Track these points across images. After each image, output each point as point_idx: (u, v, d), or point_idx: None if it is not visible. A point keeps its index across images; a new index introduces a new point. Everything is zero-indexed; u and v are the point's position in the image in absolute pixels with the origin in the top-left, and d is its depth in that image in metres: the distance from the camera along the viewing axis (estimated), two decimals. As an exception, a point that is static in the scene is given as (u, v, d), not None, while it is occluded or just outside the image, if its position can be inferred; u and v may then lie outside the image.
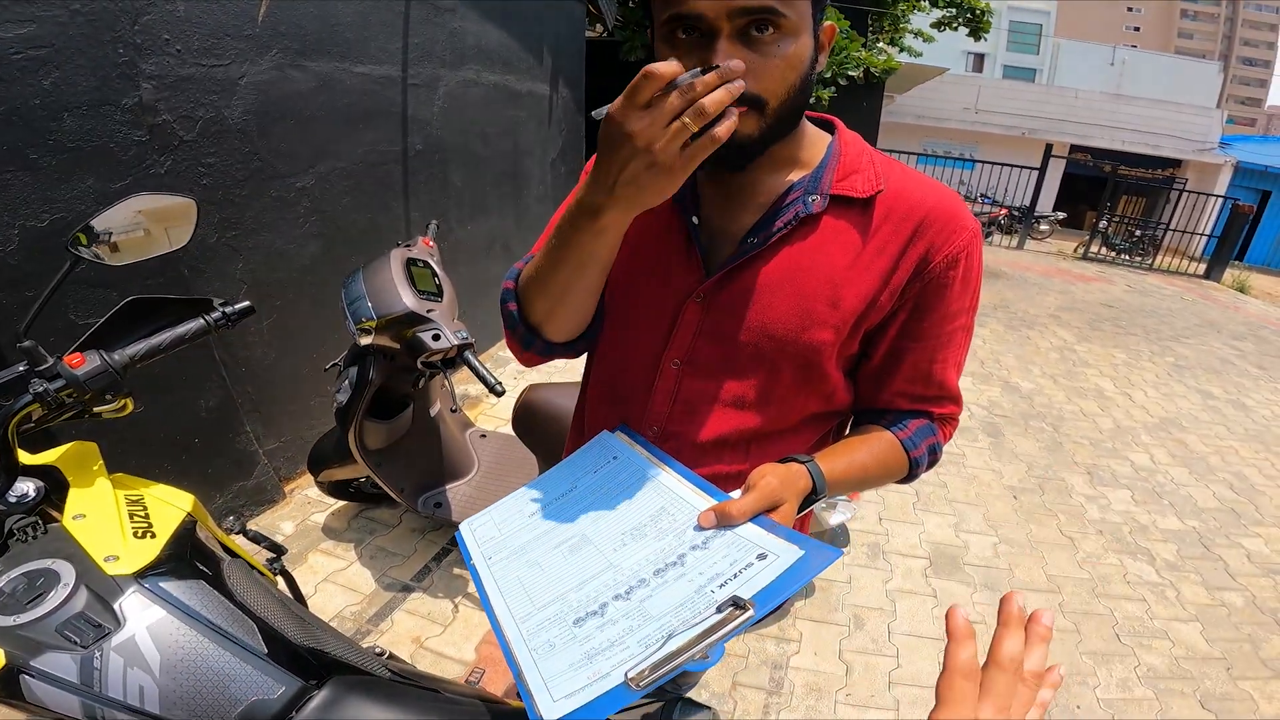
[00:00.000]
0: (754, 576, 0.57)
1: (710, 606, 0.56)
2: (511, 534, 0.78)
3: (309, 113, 2.25)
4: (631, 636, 0.57)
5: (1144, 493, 3.42)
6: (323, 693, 0.75)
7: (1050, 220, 13.38)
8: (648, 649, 0.54)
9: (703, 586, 0.59)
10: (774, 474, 0.68)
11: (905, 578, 2.53)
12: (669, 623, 0.56)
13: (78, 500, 0.81)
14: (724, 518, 0.64)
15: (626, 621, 0.59)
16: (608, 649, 0.57)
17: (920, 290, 0.76)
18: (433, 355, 1.59)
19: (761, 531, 0.63)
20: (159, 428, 1.96)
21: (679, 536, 0.66)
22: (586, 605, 0.63)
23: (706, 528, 0.65)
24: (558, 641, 0.60)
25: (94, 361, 0.80)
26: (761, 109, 0.66)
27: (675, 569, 0.62)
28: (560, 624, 0.62)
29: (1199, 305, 8.79)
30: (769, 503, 0.66)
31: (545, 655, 0.59)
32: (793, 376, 0.80)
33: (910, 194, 0.75)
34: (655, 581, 0.62)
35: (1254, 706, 2.09)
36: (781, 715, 1.87)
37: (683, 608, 0.57)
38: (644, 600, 0.60)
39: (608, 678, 0.54)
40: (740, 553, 0.61)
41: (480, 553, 0.77)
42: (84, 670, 0.65)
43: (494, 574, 0.73)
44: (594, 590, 0.64)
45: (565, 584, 0.66)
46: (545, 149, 4.11)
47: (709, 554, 0.62)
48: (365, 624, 2.00)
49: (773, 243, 0.75)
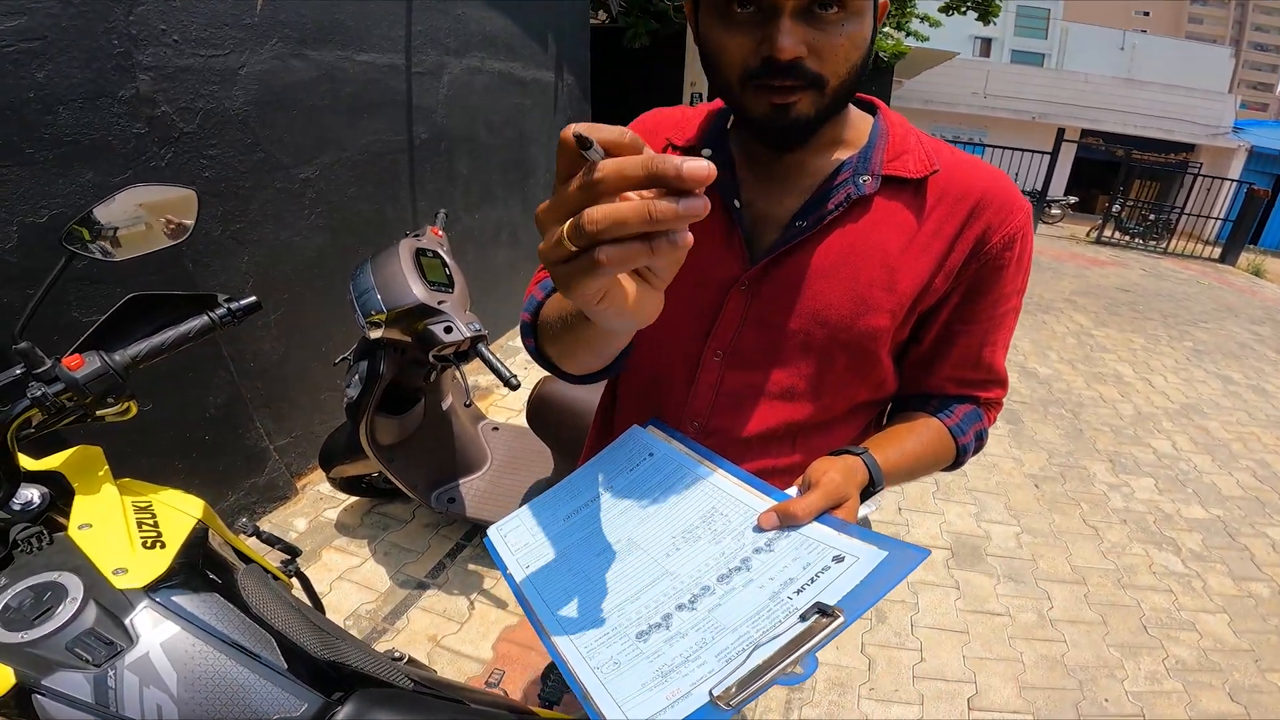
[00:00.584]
0: (835, 580, 0.53)
1: (792, 615, 0.51)
2: (547, 541, 0.73)
3: (312, 102, 2.21)
4: (707, 650, 0.52)
5: (1167, 481, 3.37)
6: (346, 708, 0.71)
7: (1062, 204, 13.25)
8: (730, 663, 0.50)
9: (777, 593, 0.54)
10: (835, 468, 0.65)
11: (927, 569, 2.49)
12: (748, 633, 0.52)
13: (83, 508, 0.77)
14: (787, 518, 0.60)
15: (697, 634, 0.54)
16: (682, 665, 0.52)
17: (977, 271, 0.73)
18: (445, 348, 1.55)
19: (831, 532, 0.58)
20: (168, 426, 1.93)
21: (738, 539, 0.61)
22: (648, 617, 0.58)
23: (768, 529, 0.60)
24: (623, 659, 0.55)
25: (94, 363, 0.76)
26: (822, 89, 0.62)
27: (741, 574, 0.57)
28: (622, 638, 0.57)
29: (1216, 289, 8.67)
30: (834, 500, 0.62)
31: (612, 674, 0.54)
32: (846, 365, 0.76)
33: (963, 175, 0.72)
34: (721, 589, 0.57)
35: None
36: (804, 711, 1.84)
37: (759, 617, 0.53)
38: (712, 610, 0.55)
39: (689, 697, 0.49)
40: (813, 555, 0.56)
41: (515, 561, 0.73)
42: (98, 690, 0.62)
43: (536, 586, 0.68)
44: (653, 600, 0.59)
45: (619, 594, 0.62)
46: (551, 136, 4.07)
47: (776, 557, 0.58)
48: (381, 622, 1.97)
49: (824, 225, 0.71)
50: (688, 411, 0.81)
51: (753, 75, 0.61)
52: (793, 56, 0.58)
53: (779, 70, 0.60)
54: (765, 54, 0.59)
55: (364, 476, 2.29)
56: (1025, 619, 2.27)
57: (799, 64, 0.59)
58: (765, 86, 0.62)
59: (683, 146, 0.79)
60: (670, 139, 0.81)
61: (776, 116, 0.63)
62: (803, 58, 0.59)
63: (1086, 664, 2.10)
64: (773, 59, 0.59)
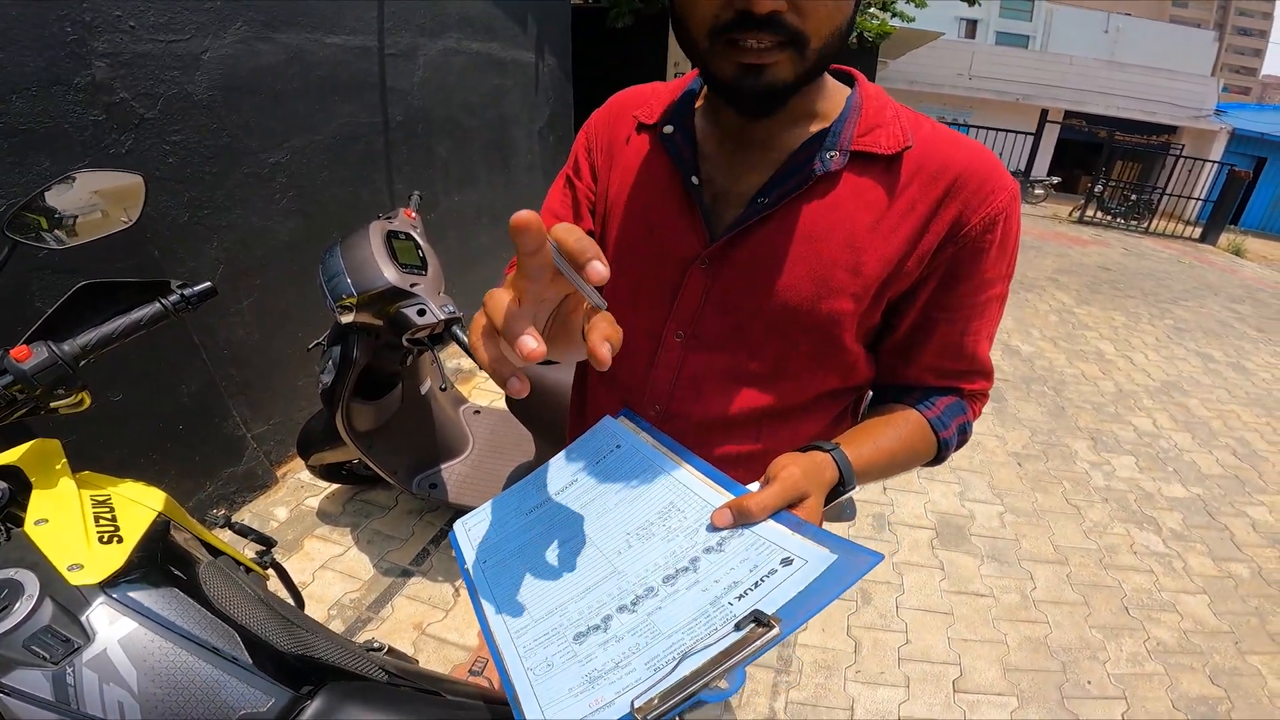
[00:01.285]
0: (778, 586, 0.50)
1: (728, 623, 0.48)
2: (508, 535, 0.71)
3: (280, 87, 2.16)
4: (638, 657, 0.50)
5: (1148, 459, 3.41)
6: (316, 702, 0.70)
7: (1045, 184, 13.33)
8: (657, 673, 0.48)
9: (719, 598, 0.51)
10: (796, 463, 0.61)
11: (912, 550, 2.51)
12: (681, 641, 0.49)
13: (40, 503, 0.75)
14: (741, 514, 0.56)
15: (633, 639, 0.52)
16: (611, 671, 0.50)
17: (954, 255, 0.68)
18: (419, 331, 1.52)
19: (785, 531, 0.55)
20: (141, 416, 1.89)
21: (690, 537, 0.58)
22: (588, 618, 0.56)
23: (722, 527, 0.57)
24: (556, 661, 0.53)
25: (42, 354, 0.73)
26: (802, 49, 0.57)
27: (687, 575, 0.55)
28: (559, 640, 0.55)
29: (1196, 268, 8.77)
30: (792, 496, 0.58)
31: (542, 677, 0.53)
32: (809, 349, 0.73)
33: (941, 151, 0.67)
34: (665, 591, 0.54)
35: (1262, 682, 2.08)
36: (790, 695, 1.85)
37: (696, 623, 0.50)
38: (652, 613, 0.53)
39: (611, 706, 0.47)
40: (761, 556, 0.53)
41: (473, 555, 0.71)
42: (58, 687, 0.61)
43: (488, 580, 0.66)
44: (596, 600, 0.57)
45: (565, 593, 0.59)
46: (532, 118, 4.02)
47: (726, 557, 0.55)
48: (365, 611, 1.96)
49: (786, 202, 0.68)
50: (649, 395, 0.79)
51: (724, 29, 0.56)
52: (770, 9, 0.53)
53: (755, 23, 0.54)
54: (740, 6, 0.54)
55: (344, 463, 2.25)
56: (1009, 600, 2.29)
57: (777, 17, 0.54)
58: (735, 44, 0.56)
59: (649, 124, 0.77)
60: (638, 116, 0.79)
61: (747, 79, 0.58)
62: (781, 11, 0.54)
63: (1069, 645, 2.12)
64: (748, 11, 0.54)
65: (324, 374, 1.73)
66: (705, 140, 0.73)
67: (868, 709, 1.83)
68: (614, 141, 0.81)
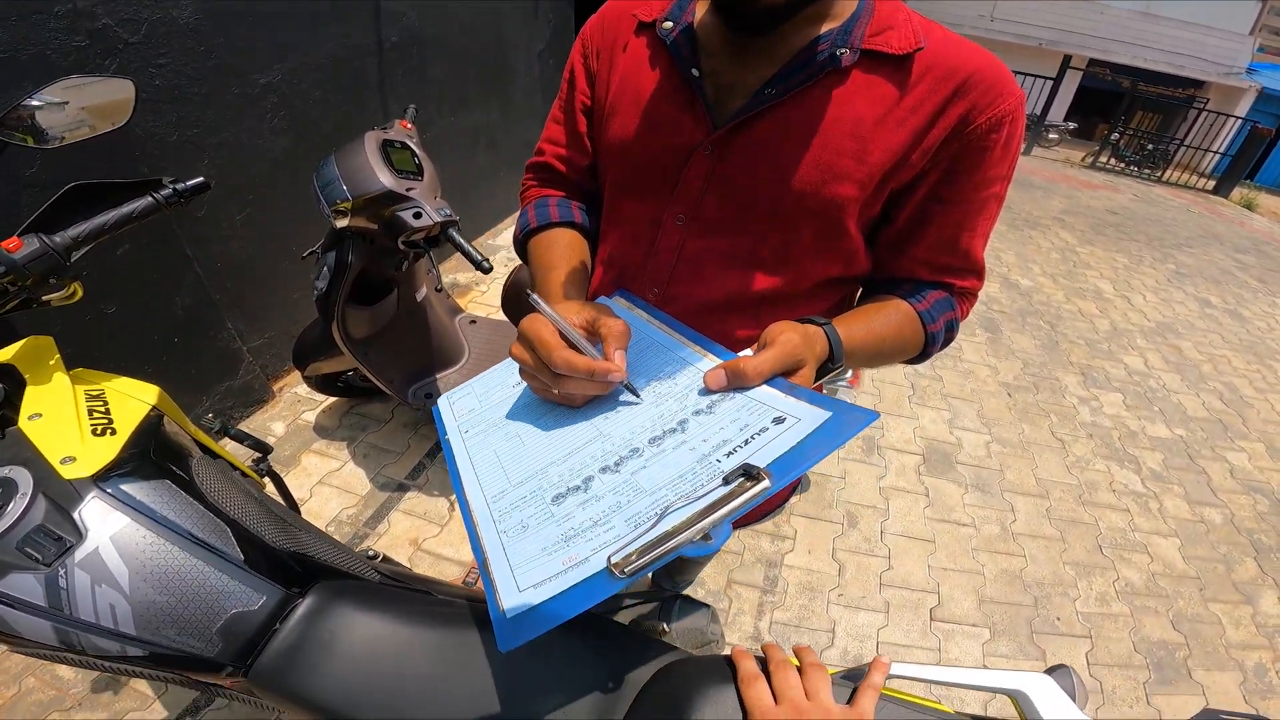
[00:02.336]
0: (770, 443, 0.49)
1: (715, 477, 0.47)
2: (493, 406, 0.70)
3: (269, 8, 2.08)
4: (618, 515, 0.49)
5: (1135, 397, 3.44)
6: (308, 600, 0.71)
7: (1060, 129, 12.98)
8: (637, 529, 0.46)
9: (707, 455, 0.50)
10: (794, 330, 0.61)
11: (899, 475, 2.56)
12: (664, 497, 0.48)
13: (34, 399, 0.74)
14: (736, 376, 0.56)
15: (614, 497, 0.50)
16: (589, 529, 0.49)
17: (958, 150, 0.68)
18: (414, 234, 1.51)
19: (778, 394, 0.54)
20: (135, 329, 1.89)
21: (680, 401, 0.57)
22: (568, 480, 0.54)
23: (715, 389, 0.56)
24: (531, 522, 0.52)
25: (33, 244, 0.73)
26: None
27: (675, 436, 0.53)
28: (537, 501, 0.54)
29: (1204, 218, 8.64)
30: (788, 362, 0.58)
31: (516, 538, 0.51)
32: (810, 235, 0.73)
33: (952, 54, 0.67)
34: (650, 451, 0.53)
35: (1221, 631, 2.14)
36: (775, 615, 1.92)
37: (681, 480, 0.49)
38: (635, 472, 0.52)
39: (586, 563, 0.46)
40: (753, 417, 0.52)
41: (456, 426, 0.70)
42: (50, 591, 0.61)
43: (468, 448, 0.65)
44: (579, 463, 0.56)
45: (547, 457, 0.58)
46: (531, 40, 3.89)
47: (715, 419, 0.53)
48: (362, 527, 2.00)
49: (794, 94, 0.67)
50: (648, 277, 0.80)
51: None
52: None
53: None
54: None
55: (340, 374, 2.26)
56: (989, 531, 2.35)
57: None
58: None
59: (648, 22, 0.76)
60: (637, 14, 0.77)
61: (743, 3, 0.58)
62: None
63: (1043, 580, 2.19)
64: None
65: (318, 280, 1.72)
66: (708, 36, 0.72)
67: (848, 631, 1.90)
68: (613, 44, 0.80)
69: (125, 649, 0.63)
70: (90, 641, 0.62)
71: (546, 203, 0.90)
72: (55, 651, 0.64)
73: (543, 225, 0.88)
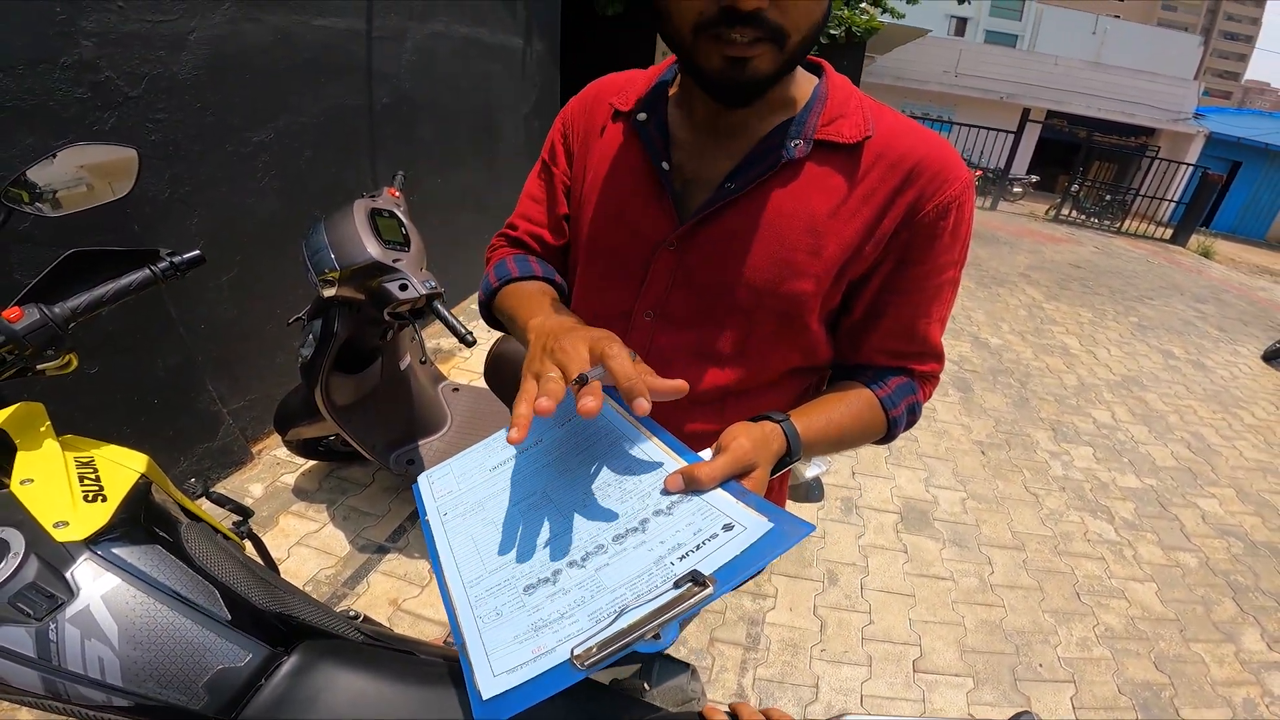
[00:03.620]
0: (718, 549, 0.53)
1: (668, 581, 0.52)
2: (470, 489, 0.74)
3: (266, 67, 2.15)
4: (582, 609, 0.53)
5: (1105, 450, 3.52)
6: (292, 659, 0.72)
7: (1024, 183, 13.52)
8: (597, 624, 0.51)
9: (663, 557, 0.55)
10: (746, 435, 0.64)
11: (877, 533, 2.58)
12: (622, 596, 0.52)
13: (25, 464, 0.76)
14: (692, 481, 0.59)
15: (579, 592, 0.55)
16: (556, 621, 0.53)
17: (908, 240, 0.72)
18: (400, 305, 1.54)
19: (730, 499, 0.58)
20: (116, 390, 1.89)
21: (643, 500, 0.61)
22: (539, 571, 0.59)
23: (674, 491, 0.60)
24: (505, 610, 0.57)
25: (33, 315, 0.75)
26: (782, 43, 0.60)
27: (636, 535, 0.58)
28: (510, 590, 0.58)
29: (1164, 268, 8.98)
30: (741, 467, 0.61)
31: (491, 624, 0.56)
32: (772, 329, 0.77)
33: (901, 141, 0.71)
34: (614, 549, 0.58)
35: (1205, 669, 2.16)
36: (759, 671, 1.90)
37: (639, 580, 0.53)
38: (600, 569, 0.56)
39: (552, 653, 0.50)
40: (706, 521, 0.57)
41: (435, 508, 0.73)
42: (40, 644, 0.62)
43: (447, 531, 0.69)
44: (549, 554, 0.60)
45: (520, 546, 0.62)
46: (519, 103, 4.01)
47: (673, 520, 0.58)
48: (341, 587, 1.98)
49: (752, 188, 0.71)
50: None
51: (708, 24, 0.59)
52: (754, 6, 0.56)
53: (739, 19, 0.57)
54: (725, 3, 0.57)
55: (321, 439, 2.26)
56: (968, 583, 2.37)
57: (760, 14, 0.57)
58: (720, 38, 0.59)
59: (624, 111, 0.80)
60: (614, 103, 0.81)
61: (731, 71, 0.61)
62: (763, 8, 0.57)
63: (1023, 629, 2.20)
64: (733, 8, 0.56)
65: (304, 348, 1.75)
66: (678, 128, 0.76)
67: (832, 686, 1.89)
68: (590, 128, 0.84)
69: (111, 699, 0.64)
70: (77, 691, 0.63)
71: (505, 262, 0.90)
72: (40, 699, 0.64)
73: (504, 281, 0.88)
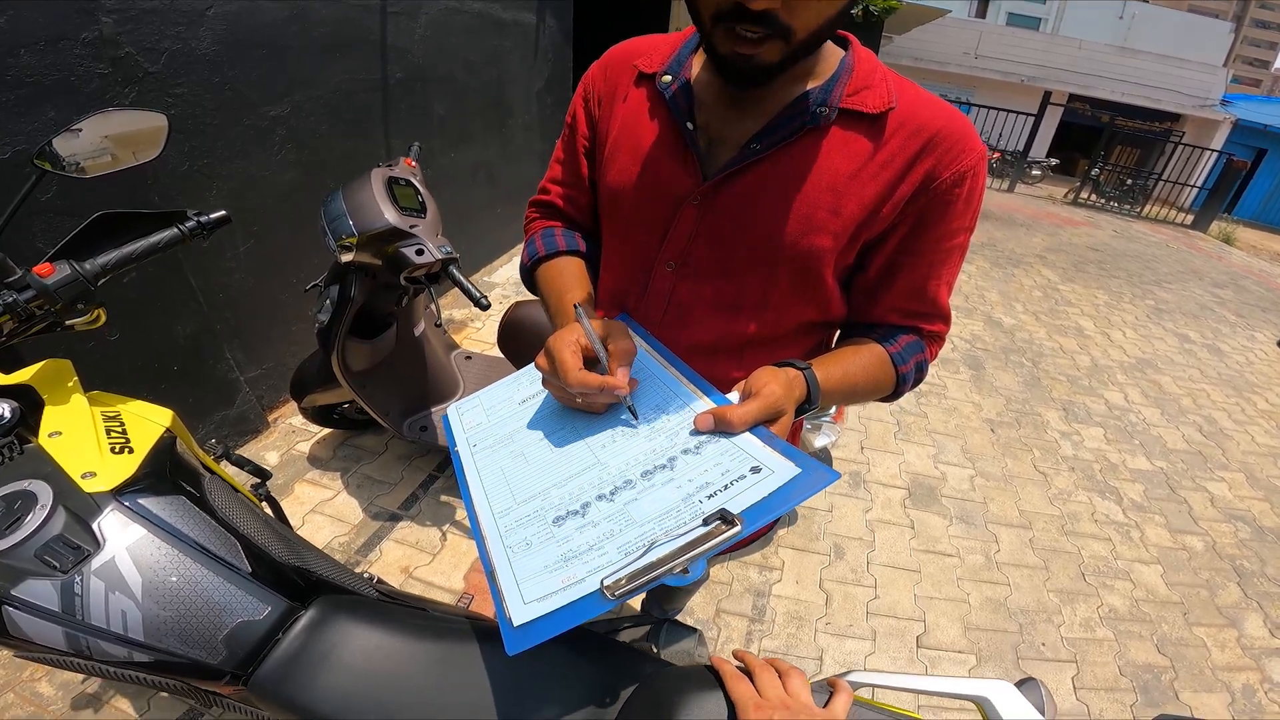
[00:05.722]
0: (745, 490, 0.55)
1: (696, 518, 0.53)
2: (499, 421, 0.75)
3: (283, 42, 2.17)
4: (611, 542, 0.55)
5: (1116, 431, 3.50)
6: (310, 612, 0.74)
7: (1043, 165, 13.32)
8: (627, 557, 0.52)
9: (691, 495, 0.56)
10: (776, 380, 0.67)
11: (885, 508, 2.59)
12: (651, 531, 0.54)
13: (53, 418, 0.79)
14: (723, 423, 0.62)
15: (608, 524, 0.57)
16: (585, 552, 0.55)
17: (924, 206, 0.74)
18: (416, 270, 1.56)
19: (758, 443, 0.60)
20: (135, 356, 1.93)
21: (672, 437, 0.63)
22: (568, 503, 0.60)
23: (703, 431, 0.62)
24: (535, 540, 0.58)
25: (64, 271, 0.77)
26: (787, 38, 0.62)
27: (664, 472, 0.60)
28: (539, 521, 0.60)
29: (1183, 253, 8.85)
30: (771, 412, 0.64)
31: (521, 554, 0.58)
32: (790, 282, 0.79)
33: (921, 112, 0.73)
34: (642, 484, 0.59)
35: (1206, 654, 2.17)
36: (763, 643, 1.93)
37: (667, 516, 0.55)
38: (628, 503, 0.58)
39: (582, 583, 0.52)
40: (734, 463, 0.58)
41: (465, 439, 0.75)
42: (65, 597, 0.64)
43: (477, 462, 0.71)
44: (577, 488, 0.62)
45: (549, 479, 0.64)
46: (531, 79, 4.00)
47: (701, 460, 0.60)
48: (354, 555, 2.01)
49: (777, 149, 0.73)
50: (640, 318, 0.85)
51: (723, 16, 0.61)
52: (764, 8, 0.58)
53: (749, 16, 0.59)
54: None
55: (336, 406, 2.29)
56: (974, 560, 2.38)
57: (770, 15, 0.59)
58: (733, 31, 0.61)
59: (648, 73, 0.81)
60: (638, 65, 0.83)
61: (739, 61, 0.64)
62: (775, 9, 0.59)
63: (1027, 608, 2.21)
64: (743, 5, 0.58)
65: (320, 313, 1.77)
66: (703, 90, 0.78)
67: (835, 659, 1.91)
68: (614, 90, 0.86)
69: (132, 654, 0.66)
70: (98, 647, 0.65)
71: (552, 232, 0.95)
72: (62, 656, 0.66)
73: (550, 254, 0.93)
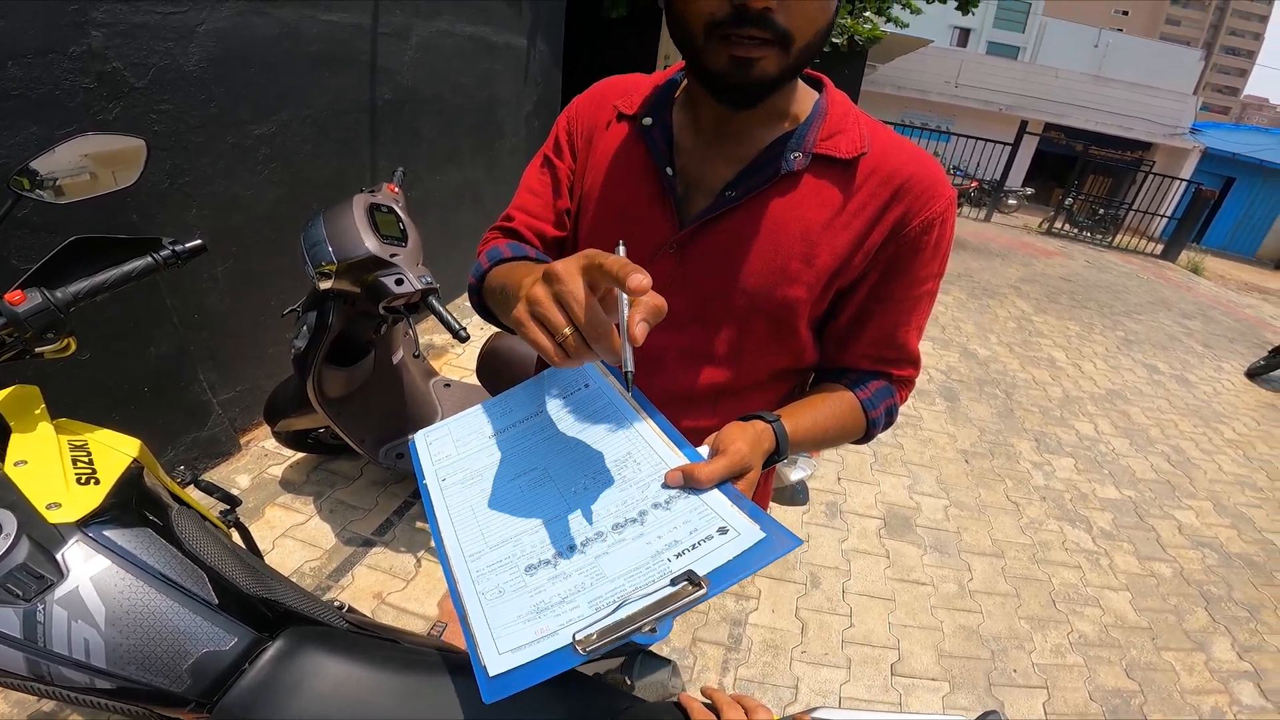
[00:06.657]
0: (712, 551, 0.56)
1: (665, 577, 0.54)
2: (469, 455, 0.75)
3: (271, 60, 2.17)
4: (582, 595, 0.55)
5: (1086, 461, 3.56)
6: (277, 644, 0.73)
7: (1019, 195, 13.60)
8: (598, 612, 0.53)
9: (660, 552, 0.57)
10: (743, 438, 0.67)
11: (860, 538, 2.61)
12: (622, 587, 0.55)
13: (19, 446, 0.77)
14: (691, 480, 0.62)
15: (579, 577, 0.57)
16: (558, 605, 0.55)
17: (894, 252, 0.76)
18: (395, 300, 1.55)
19: (726, 501, 0.61)
20: (107, 376, 1.90)
21: (643, 490, 0.63)
22: (540, 552, 0.61)
23: (672, 486, 0.63)
24: (507, 589, 0.58)
25: (35, 299, 0.76)
26: (787, 47, 0.63)
27: (635, 526, 0.60)
28: (511, 569, 0.60)
29: (1153, 283, 9.07)
30: (737, 469, 0.64)
31: (494, 601, 0.58)
32: (764, 332, 0.80)
33: (892, 158, 0.74)
34: (613, 537, 0.60)
35: (1175, 678, 2.20)
36: (740, 671, 1.92)
37: (637, 573, 0.56)
38: (599, 556, 0.58)
39: (555, 636, 0.53)
40: (702, 521, 0.59)
41: (434, 471, 0.74)
42: (27, 625, 0.63)
43: (446, 499, 0.70)
44: (549, 536, 0.62)
45: (521, 524, 0.64)
46: (520, 102, 4.03)
47: (671, 516, 0.60)
48: (325, 579, 1.98)
49: (751, 196, 0.74)
50: None
51: (719, 25, 0.61)
52: (764, 5, 0.59)
53: (748, 19, 0.60)
54: (738, 1, 0.59)
55: (310, 431, 2.26)
56: (947, 589, 2.40)
57: (768, 16, 0.60)
58: (729, 38, 0.62)
59: (629, 114, 0.82)
60: (618, 105, 0.84)
61: (736, 71, 0.64)
62: (772, 9, 0.59)
63: (999, 635, 2.23)
64: (744, 7, 0.59)
65: (297, 339, 1.75)
66: (681, 133, 0.79)
67: (811, 687, 1.91)
68: (595, 127, 0.86)
69: (94, 681, 0.65)
70: (59, 673, 0.64)
71: (497, 247, 0.88)
72: (22, 681, 0.65)
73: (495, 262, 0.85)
